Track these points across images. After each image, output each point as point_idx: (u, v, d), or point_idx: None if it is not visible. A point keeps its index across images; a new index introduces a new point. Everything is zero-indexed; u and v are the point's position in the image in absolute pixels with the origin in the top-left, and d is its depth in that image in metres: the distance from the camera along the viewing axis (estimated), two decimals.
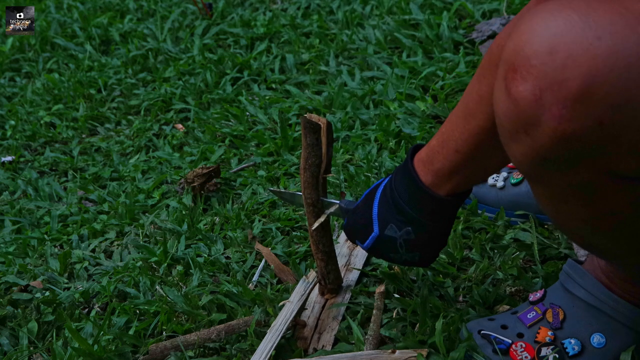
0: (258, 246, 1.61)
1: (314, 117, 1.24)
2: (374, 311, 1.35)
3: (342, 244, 1.54)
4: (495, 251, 1.47)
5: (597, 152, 0.85)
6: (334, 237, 1.55)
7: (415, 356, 1.24)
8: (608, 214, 0.95)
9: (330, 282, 1.39)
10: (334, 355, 1.27)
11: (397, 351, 1.25)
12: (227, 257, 1.62)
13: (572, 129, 0.83)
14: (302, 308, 1.36)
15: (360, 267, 1.47)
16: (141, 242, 1.71)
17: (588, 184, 0.91)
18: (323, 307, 1.40)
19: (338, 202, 1.31)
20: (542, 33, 0.83)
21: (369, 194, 1.23)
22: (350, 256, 1.50)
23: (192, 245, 1.67)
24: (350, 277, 1.46)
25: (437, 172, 1.11)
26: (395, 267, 1.44)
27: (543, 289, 1.26)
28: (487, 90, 1.00)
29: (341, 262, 1.48)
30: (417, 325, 1.32)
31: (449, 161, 1.09)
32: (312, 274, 1.39)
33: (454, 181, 1.11)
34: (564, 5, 0.83)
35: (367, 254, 1.49)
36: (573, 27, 0.81)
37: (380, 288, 1.38)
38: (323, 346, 1.31)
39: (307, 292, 1.37)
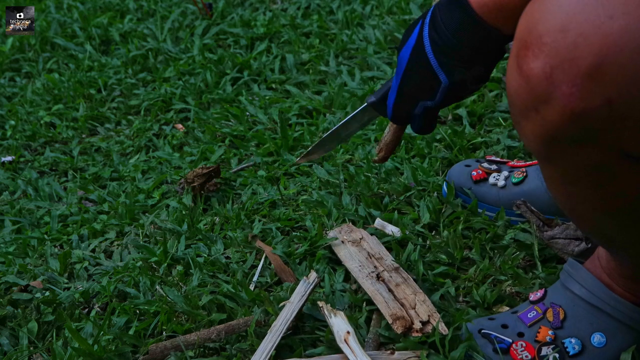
0: (259, 243, 1.61)
1: None
2: (374, 313, 1.36)
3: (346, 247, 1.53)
4: (495, 251, 1.47)
5: (606, 132, 0.85)
6: None
7: (414, 357, 1.24)
8: (617, 195, 0.95)
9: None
10: (333, 355, 1.27)
11: (397, 352, 1.25)
12: (227, 257, 1.62)
13: (581, 107, 0.84)
14: (302, 309, 1.36)
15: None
16: (141, 242, 1.71)
17: (597, 164, 0.91)
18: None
19: (365, 103, 1.28)
20: (555, 11, 0.84)
21: (415, 49, 1.14)
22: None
23: (192, 245, 1.67)
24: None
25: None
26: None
27: (543, 289, 1.26)
28: None
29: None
30: None
31: None
32: (313, 275, 1.39)
33: (503, 11, 1.04)
34: None
35: None
36: (586, 5, 0.82)
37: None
38: None
39: (308, 292, 1.37)
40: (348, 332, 1.24)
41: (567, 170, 0.95)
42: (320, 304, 1.33)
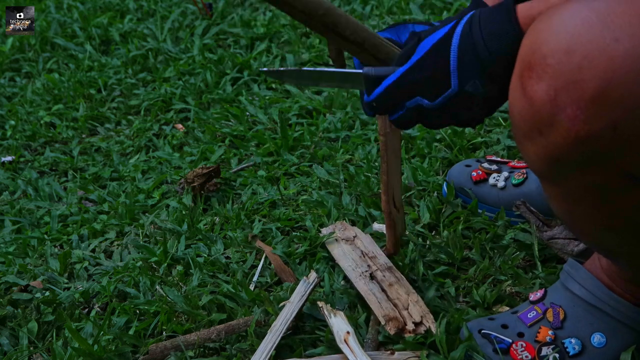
0: (259, 243, 1.61)
1: None
2: (372, 315, 1.35)
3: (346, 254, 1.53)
4: (495, 251, 1.47)
5: (610, 154, 0.85)
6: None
7: (414, 357, 1.24)
8: (618, 213, 0.95)
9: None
10: (333, 355, 1.27)
11: (397, 353, 1.25)
12: (227, 257, 1.62)
13: (586, 131, 0.83)
14: (302, 309, 1.36)
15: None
16: (141, 242, 1.71)
17: (601, 185, 0.91)
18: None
19: (361, 70, 1.12)
20: (560, 32, 0.83)
21: (438, 43, 1.03)
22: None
23: (192, 245, 1.67)
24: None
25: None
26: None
27: (543, 289, 1.26)
28: None
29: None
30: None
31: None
32: (313, 275, 1.39)
33: None
34: (583, 5, 0.83)
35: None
36: (591, 27, 0.81)
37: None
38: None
39: (308, 292, 1.37)
40: (348, 333, 1.24)
41: (570, 190, 0.94)
42: (320, 304, 1.33)
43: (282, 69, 1.19)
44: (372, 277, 1.39)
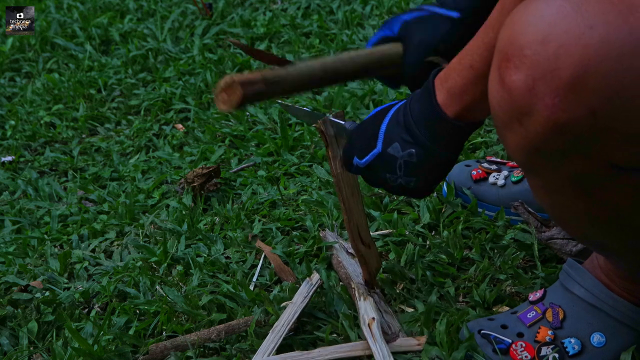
0: (259, 244, 1.61)
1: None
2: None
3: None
4: (495, 251, 1.47)
5: (590, 142, 0.85)
6: None
7: (415, 344, 1.25)
8: (603, 205, 0.95)
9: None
10: (335, 346, 1.27)
11: (399, 339, 1.26)
12: (227, 257, 1.62)
13: (565, 119, 0.84)
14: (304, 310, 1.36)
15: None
16: (141, 242, 1.71)
17: (582, 174, 0.91)
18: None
19: (344, 122, 1.23)
20: (536, 22, 0.84)
21: (379, 112, 1.16)
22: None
23: (192, 245, 1.67)
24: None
25: (450, 90, 1.06)
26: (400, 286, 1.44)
27: (543, 289, 1.26)
28: (510, 1, 0.96)
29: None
30: (419, 324, 1.32)
31: (462, 77, 1.04)
32: (315, 276, 1.39)
33: (463, 101, 1.05)
34: None
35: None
36: (566, 16, 0.82)
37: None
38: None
39: (310, 293, 1.37)
40: (373, 319, 1.26)
41: (552, 180, 0.95)
42: (353, 285, 1.34)
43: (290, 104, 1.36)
44: None
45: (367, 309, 1.28)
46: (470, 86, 1.03)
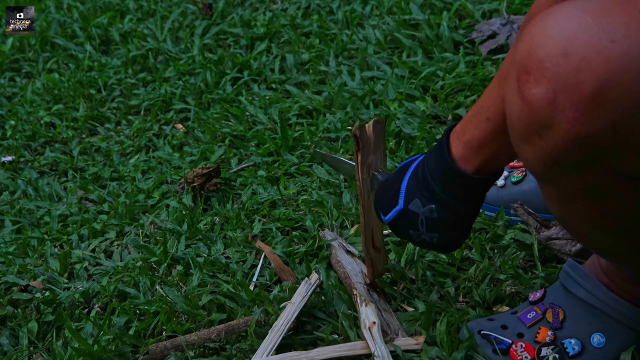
0: (259, 244, 1.61)
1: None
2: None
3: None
4: (495, 251, 1.47)
5: (609, 155, 0.85)
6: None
7: (414, 343, 1.25)
8: (617, 215, 0.95)
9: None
10: (334, 346, 1.28)
11: (396, 338, 1.26)
12: (227, 257, 1.62)
13: (585, 132, 0.83)
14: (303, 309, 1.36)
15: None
16: (141, 242, 1.71)
17: (599, 185, 0.91)
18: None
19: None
20: (555, 35, 0.83)
21: (403, 167, 1.18)
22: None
23: (192, 245, 1.67)
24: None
25: (467, 143, 1.06)
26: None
27: (543, 289, 1.26)
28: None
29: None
30: (419, 324, 1.32)
31: (479, 130, 1.04)
32: (314, 276, 1.39)
33: (482, 155, 1.06)
34: (577, 7, 0.83)
35: None
36: (587, 29, 0.81)
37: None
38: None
39: (309, 293, 1.37)
40: (374, 322, 1.27)
41: (568, 191, 0.95)
42: (355, 291, 1.34)
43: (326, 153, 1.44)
44: None
45: (368, 313, 1.29)
46: (489, 139, 1.04)
